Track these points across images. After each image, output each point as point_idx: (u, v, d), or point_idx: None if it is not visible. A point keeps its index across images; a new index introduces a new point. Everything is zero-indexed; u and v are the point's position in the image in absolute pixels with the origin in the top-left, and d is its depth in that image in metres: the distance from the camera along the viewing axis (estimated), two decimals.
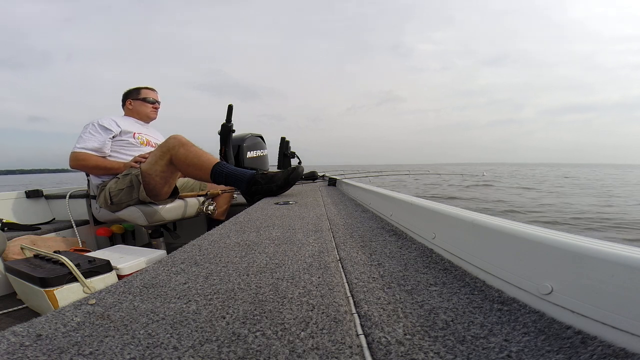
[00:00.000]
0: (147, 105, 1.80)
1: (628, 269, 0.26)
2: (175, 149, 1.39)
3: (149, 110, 1.81)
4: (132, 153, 1.65)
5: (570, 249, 0.31)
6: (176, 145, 1.40)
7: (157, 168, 1.41)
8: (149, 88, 1.84)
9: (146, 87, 1.84)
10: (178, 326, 0.33)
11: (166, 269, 0.51)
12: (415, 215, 0.70)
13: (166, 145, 1.42)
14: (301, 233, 0.74)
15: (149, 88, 1.84)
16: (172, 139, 1.43)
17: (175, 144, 1.40)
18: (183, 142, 1.41)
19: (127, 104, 1.79)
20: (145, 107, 1.80)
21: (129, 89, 1.82)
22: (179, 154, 1.39)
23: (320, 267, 0.50)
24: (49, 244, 1.41)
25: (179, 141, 1.41)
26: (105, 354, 0.28)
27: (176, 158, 1.40)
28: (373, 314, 0.35)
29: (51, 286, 0.82)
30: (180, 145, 1.40)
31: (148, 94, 1.81)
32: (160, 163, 1.41)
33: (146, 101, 1.79)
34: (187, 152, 1.39)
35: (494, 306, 0.36)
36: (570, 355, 0.26)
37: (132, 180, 1.44)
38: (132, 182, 1.44)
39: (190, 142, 1.43)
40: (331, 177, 2.35)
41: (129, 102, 1.79)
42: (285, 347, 0.28)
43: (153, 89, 1.86)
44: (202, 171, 1.41)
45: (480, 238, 0.45)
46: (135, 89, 1.82)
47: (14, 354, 0.28)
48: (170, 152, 1.40)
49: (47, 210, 2.01)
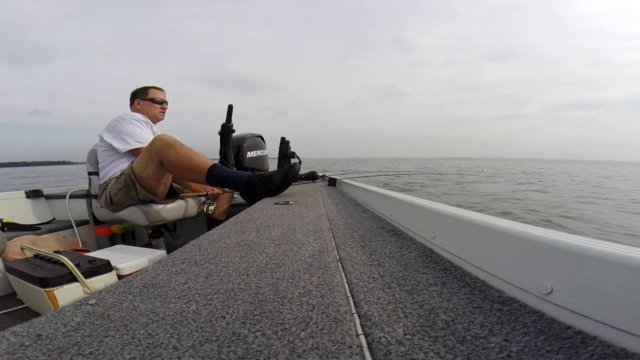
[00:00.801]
0: (155, 106, 1.75)
1: (628, 269, 0.26)
2: (163, 151, 1.33)
3: (157, 111, 1.76)
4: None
5: (570, 249, 0.31)
6: (164, 148, 1.33)
7: (149, 171, 1.37)
8: (157, 88, 1.79)
9: (154, 86, 1.78)
10: (178, 326, 0.33)
11: (166, 269, 0.51)
12: (415, 215, 0.70)
13: (153, 148, 1.36)
14: (301, 233, 0.74)
15: (157, 88, 1.79)
16: (158, 140, 1.35)
17: (163, 146, 1.33)
18: (170, 143, 1.33)
19: (136, 103, 1.75)
20: (154, 107, 1.75)
21: (137, 88, 1.77)
22: (169, 157, 1.33)
23: (320, 267, 0.50)
24: (49, 244, 1.41)
25: (166, 143, 1.33)
26: (105, 354, 0.28)
27: (167, 161, 1.34)
28: (373, 314, 0.35)
29: (51, 286, 0.82)
30: (168, 147, 1.33)
31: (156, 94, 1.76)
32: (151, 166, 1.36)
33: (154, 102, 1.75)
34: (178, 155, 1.33)
35: (494, 306, 0.36)
36: (570, 355, 0.26)
37: (126, 180, 1.42)
38: (126, 181, 1.42)
39: (178, 143, 1.36)
40: (331, 177, 2.35)
41: (137, 102, 1.74)
42: (285, 347, 0.28)
43: (161, 89, 1.80)
44: (196, 175, 1.37)
45: (480, 238, 0.45)
46: (143, 88, 1.76)
47: (14, 354, 0.28)
48: (158, 155, 1.34)
49: (47, 210, 2.01)
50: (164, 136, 1.37)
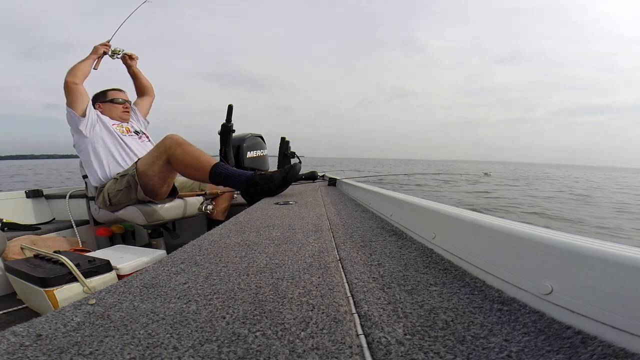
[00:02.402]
0: (116, 106, 1.78)
1: (628, 269, 0.26)
2: (172, 149, 1.38)
3: (120, 112, 1.79)
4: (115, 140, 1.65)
5: (570, 249, 0.31)
6: (172, 145, 1.38)
7: (155, 169, 1.40)
8: (115, 89, 1.82)
9: (113, 88, 1.82)
10: (178, 326, 0.33)
11: (166, 269, 0.51)
12: (415, 215, 0.70)
13: (163, 146, 1.40)
14: (301, 233, 0.74)
15: (115, 89, 1.82)
16: (169, 139, 1.40)
17: (172, 144, 1.38)
18: (180, 141, 1.39)
19: (97, 107, 1.76)
20: (116, 108, 1.78)
21: (96, 93, 1.81)
22: (177, 154, 1.37)
23: (320, 267, 0.50)
24: (49, 244, 1.41)
25: (175, 141, 1.39)
26: (105, 354, 0.28)
27: (174, 158, 1.38)
28: (373, 314, 0.35)
29: (51, 286, 0.82)
30: (177, 145, 1.38)
31: (115, 95, 1.79)
32: (158, 163, 1.40)
33: (115, 102, 1.77)
34: (185, 153, 1.38)
35: (494, 306, 0.36)
36: (570, 355, 0.26)
37: (129, 181, 1.43)
38: (129, 182, 1.43)
39: (186, 142, 1.41)
40: (331, 177, 2.35)
41: (98, 106, 1.76)
42: (285, 347, 0.28)
43: (120, 90, 1.84)
44: (200, 172, 1.40)
45: (480, 238, 0.45)
46: (102, 92, 1.80)
47: (14, 354, 0.28)
48: (167, 152, 1.38)
49: (47, 210, 2.01)
50: (174, 135, 1.42)
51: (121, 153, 1.65)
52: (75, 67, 1.61)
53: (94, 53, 1.69)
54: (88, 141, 1.60)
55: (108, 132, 1.65)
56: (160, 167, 1.40)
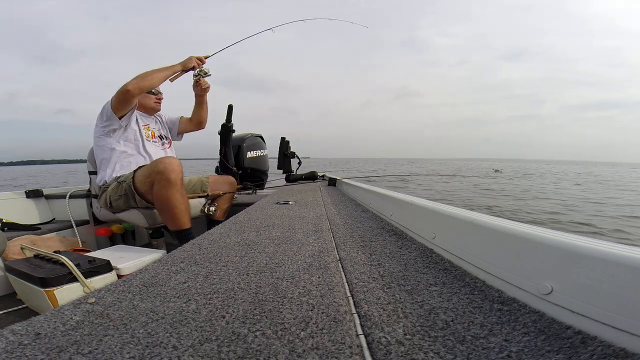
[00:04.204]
0: (149, 97, 1.73)
1: (628, 269, 0.26)
2: (159, 180, 1.28)
3: (152, 102, 1.76)
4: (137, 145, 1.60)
5: (570, 249, 0.31)
6: (162, 179, 1.28)
7: (146, 187, 1.37)
8: None
9: None
10: (178, 325, 0.33)
11: (166, 268, 0.51)
12: (415, 215, 0.69)
13: (155, 168, 1.31)
14: (301, 233, 0.74)
15: None
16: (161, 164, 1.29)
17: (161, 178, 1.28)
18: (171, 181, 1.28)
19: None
20: (149, 98, 1.73)
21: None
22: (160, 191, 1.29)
23: (320, 267, 0.50)
24: (49, 244, 1.41)
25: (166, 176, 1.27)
26: (105, 353, 0.28)
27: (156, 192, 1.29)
28: (373, 314, 0.35)
29: (51, 286, 0.82)
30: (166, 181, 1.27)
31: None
32: (147, 182, 1.35)
33: (148, 92, 1.70)
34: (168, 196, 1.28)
35: (494, 306, 0.36)
36: (570, 355, 0.26)
37: (126, 189, 1.42)
38: (126, 191, 1.42)
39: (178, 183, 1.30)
40: (331, 177, 2.35)
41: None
42: (285, 346, 0.28)
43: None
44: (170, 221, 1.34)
45: (480, 238, 0.45)
46: None
47: (13, 353, 0.28)
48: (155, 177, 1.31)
49: (47, 210, 2.01)
50: (170, 165, 1.30)
51: (138, 161, 1.60)
52: (149, 75, 1.48)
53: (184, 65, 1.58)
54: (112, 140, 1.56)
55: (134, 135, 1.61)
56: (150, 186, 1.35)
